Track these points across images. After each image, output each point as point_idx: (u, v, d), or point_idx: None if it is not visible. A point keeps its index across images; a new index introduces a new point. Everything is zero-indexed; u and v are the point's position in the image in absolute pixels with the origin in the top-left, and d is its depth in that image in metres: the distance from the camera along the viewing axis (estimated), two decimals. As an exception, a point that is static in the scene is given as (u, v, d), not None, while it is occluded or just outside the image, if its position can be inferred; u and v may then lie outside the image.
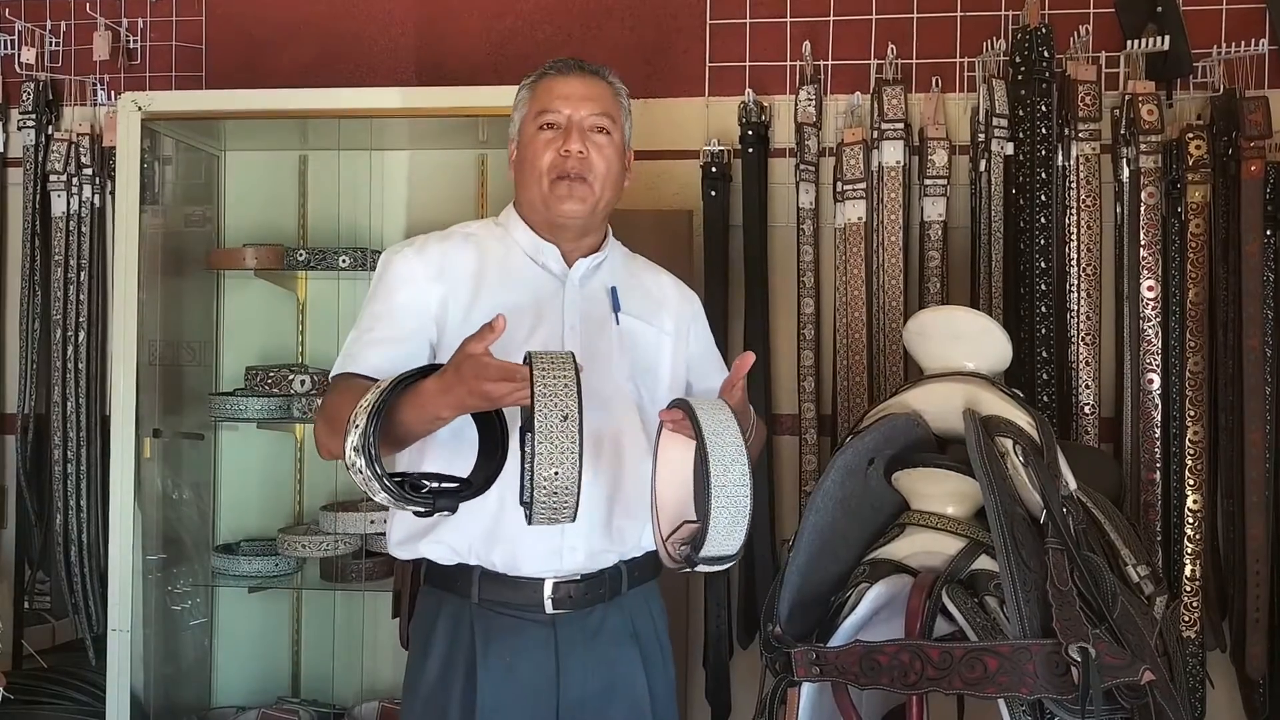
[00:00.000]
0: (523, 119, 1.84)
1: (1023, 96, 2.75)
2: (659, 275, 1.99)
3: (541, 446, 1.36)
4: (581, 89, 1.80)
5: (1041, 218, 2.72)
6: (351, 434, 1.42)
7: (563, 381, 1.39)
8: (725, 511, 1.48)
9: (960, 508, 1.95)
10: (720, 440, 1.50)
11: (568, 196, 1.77)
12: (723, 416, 1.54)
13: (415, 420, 1.50)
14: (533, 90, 1.84)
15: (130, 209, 2.71)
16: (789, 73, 2.98)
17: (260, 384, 2.82)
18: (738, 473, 1.49)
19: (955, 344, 2.01)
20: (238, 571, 2.87)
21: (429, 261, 1.78)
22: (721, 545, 1.50)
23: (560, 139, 1.78)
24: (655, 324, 1.89)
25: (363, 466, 1.42)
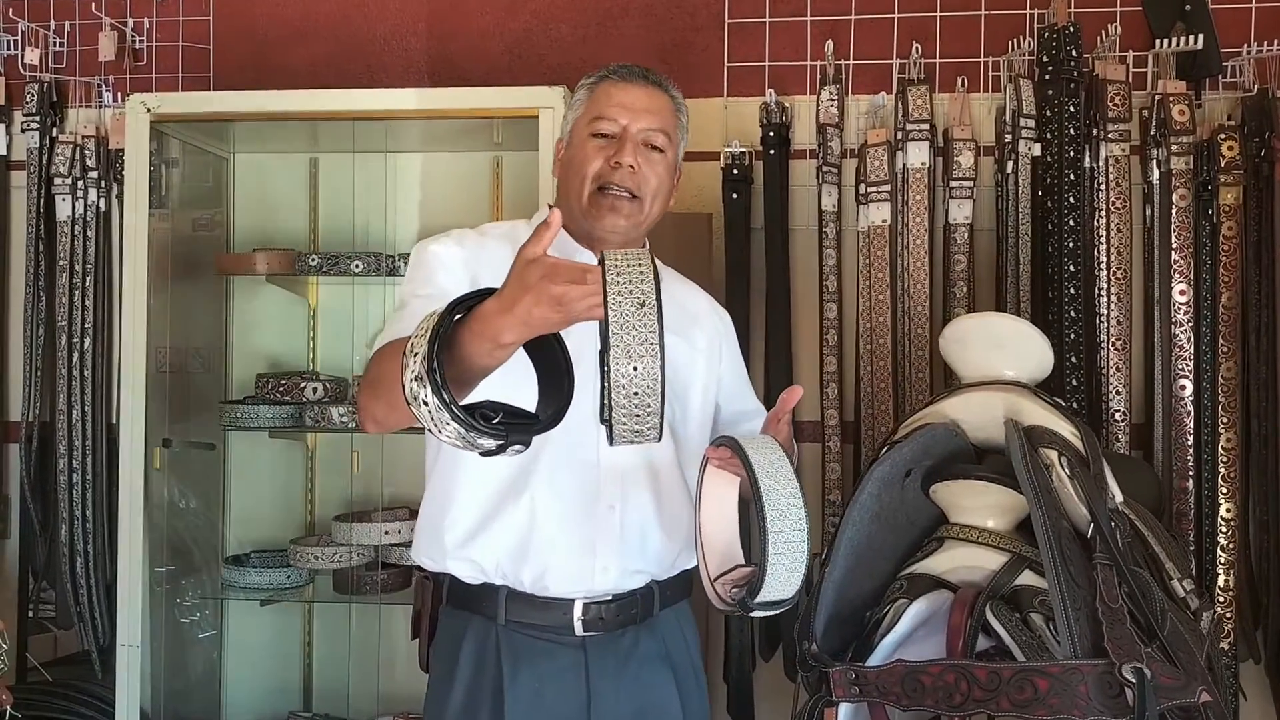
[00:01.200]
0: (575, 121, 1.77)
1: (1050, 96, 2.70)
2: (693, 291, 1.94)
3: (617, 339, 1.20)
4: (643, 99, 1.72)
5: (1070, 220, 2.67)
6: (411, 363, 1.23)
7: (637, 270, 1.24)
8: (783, 558, 1.45)
9: (1001, 521, 1.89)
10: (774, 483, 1.46)
11: (610, 210, 1.70)
12: (774, 457, 1.50)
13: (476, 351, 1.28)
14: (591, 93, 1.75)
15: (139, 213, 2.65)
16: (809, 72, 2.92)
17: (272, 391, 2.76)
18: (794, 517, 1.45)
19: (995, 351, 1.95)
20: (248, 584, 2.81)
21: (468, 251, 1.71)
22: (779, 590, 1.47)
23: (612, 148, 1.70)
24: (688, 340, 1.83)
25: (428, 397, 1.21)
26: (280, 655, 3.00)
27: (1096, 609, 1.70)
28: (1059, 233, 2.67)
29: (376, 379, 1.46)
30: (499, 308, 1.26)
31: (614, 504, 1.68)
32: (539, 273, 1.23)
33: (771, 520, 1.43)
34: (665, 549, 1.75)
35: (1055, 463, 1.80)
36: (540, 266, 1.23)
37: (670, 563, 1.76)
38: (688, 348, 1.82)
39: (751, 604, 1.48)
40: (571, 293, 1.23)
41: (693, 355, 1.83)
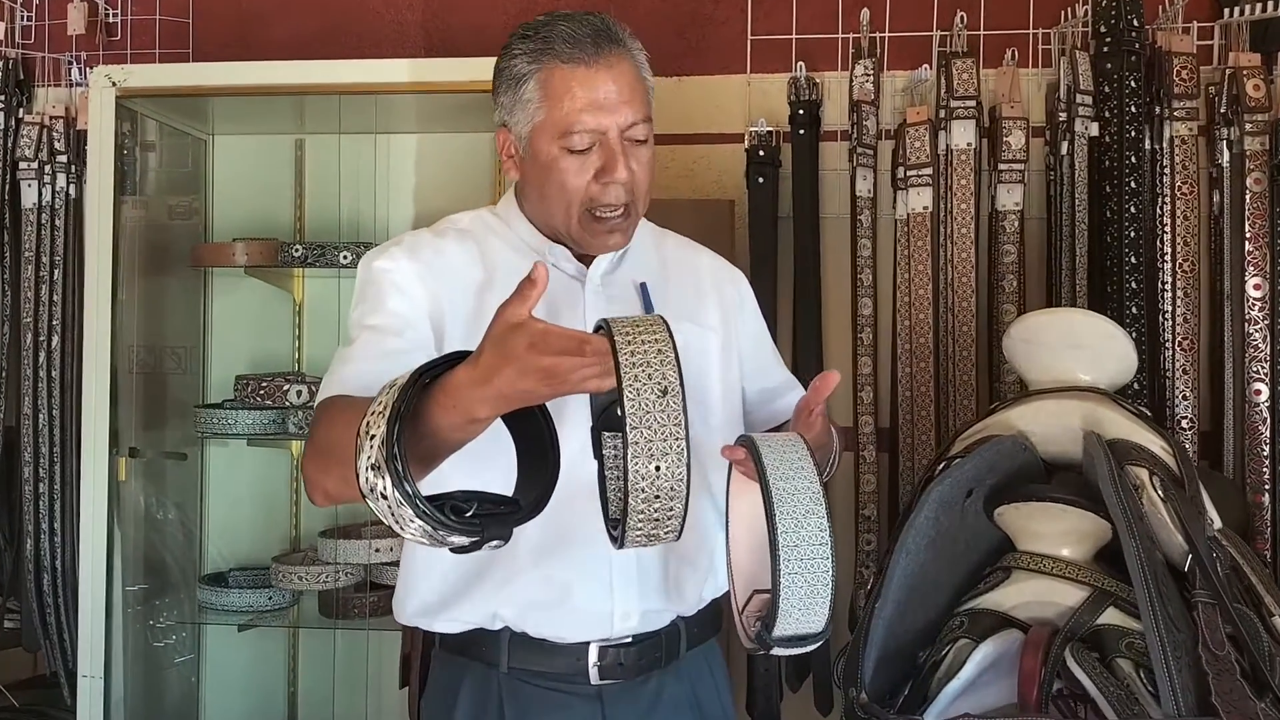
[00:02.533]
0: (534, 130, 1.41)
1: (1109, 71, 2.44)
2: (696, 255, 1.64)
3: (636, 434, 1.02)
4: (611, 85, 1.39)
5: (1131, 207, 2.42)
6: (367, 448, 1.04)
7: (655, 346, 1.05)
8: (799, 580, 1.16)
9: (1077, 549, 1.64)
10: (789, 486, 1.19)
11: (607, 233, 1.43)
12: (793, 456, 1.22)
13: (444, 426, 1.11)
14: (543, 87, 1.39)
15: (104, 198, 2.42)
16: (841, 46, 2.67)
17: (251, 395, 2.51)
18: (813, 529, 1.17)
19: (1072, 354, 1.70)
20: (227, 606, 2.57)
21: (422, 263, 1.45)
22: (798, 622, 1.18)
23: (595, 160, 1.40)
24: (699, 321, 1.55)
25: (387, 489, 1.03)
26: (262, 683, 2.77)
27: (1200, 657, 1.46)
28: (1119, 221, 2.42)
29: (326, 448, 1.23)
30: (474, 378, 1.07)
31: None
32: (524, 341, 1.04)
33: (784, 531, 1.16)
34: (691, 580, 1.49)
35: (1146, 483, 1.56)
36: (526, 333, 1.04)
37: (697, 594, 1.51)
38: (698, 330, 1.54)
39: (770, 640, 1.20)
40: (564, 365, 1.05)
41: (705, 338, 1.55)
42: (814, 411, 1.34)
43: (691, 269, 1.60)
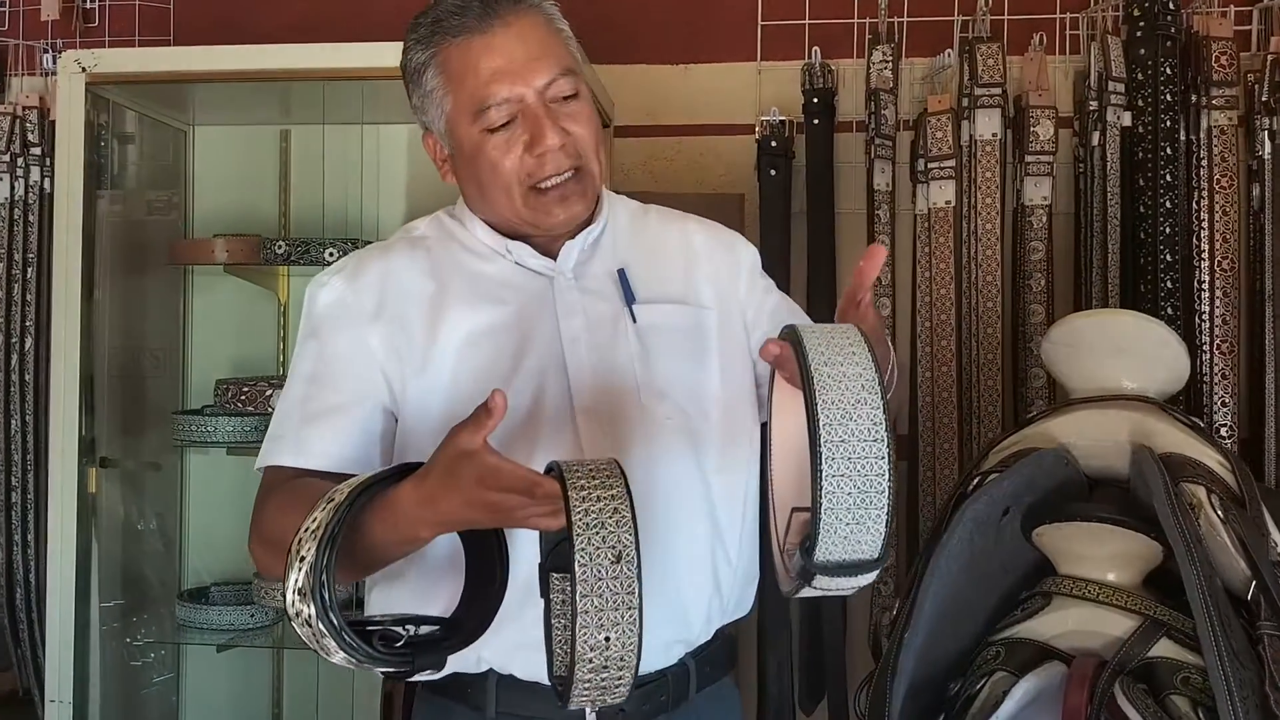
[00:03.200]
0: (448, 118, 1.28)
1: (1142, 56, 2.31)
2: (683, 226, 1.44)
3: (587, 602, 0.95)
4: (517, 45, 1.24)
5: (1166, 202, 2.28)
6: (295, 569, 1.00)
7: (610, 505, 0.98)
8: (846, 484, 0.93)
9: (1125, 573, 1.50)
10: (835, 372, 0.96)
11: (559, 202, 1.28)
12: (843, 341, 0.99)
13: (385, 540, 1.09)
14: (443, 71, 1.26)
15: (74, 191, 2.27)
16: (857, 31, 2.53)
17: (232, 400, 2.37)
18: (864, 421, 0.94)
19: (1117, 359, 1.56)
20: (206, 623, 2.42)
21: (365, 290, 1.31)
22: (846, 542, 0.94)
23: (523, 133, 1.25)
24: (690, 300, 1.37)
25: (312, 616, 1.00)
26: (245, 705, 2.62)
27: (1267, 695, 1.31)
28: (1153, 216, 2.28)
29: (268, 535, 1.18)
30: (418, 499, 1.05)
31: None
32: (473, 473, 1.02)
33: (827, 423, 0.93)
34: (696, 608, 1.34)
35: (1204, 502, 1.41)
36: (475, 465, 1.02)
37: (704, 625, 1.35)
38: (691, 314, 1.37)
39: (812, 566, 0.97)
40: (510, 503, 1.02)
41: (699, 320, 1.37)
42: (862, 300, 1.12)
43: (680, 243, 1.41)
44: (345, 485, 1.07)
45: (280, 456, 1.26)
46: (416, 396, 1.28)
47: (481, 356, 1.28)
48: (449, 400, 1.26)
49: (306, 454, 1.25)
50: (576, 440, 1.28)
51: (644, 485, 1.29)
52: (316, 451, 1.25)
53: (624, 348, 1.32)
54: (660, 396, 1.31)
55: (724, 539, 1.34)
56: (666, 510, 1.30)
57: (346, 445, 1.25)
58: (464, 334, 1.28)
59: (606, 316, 1.32)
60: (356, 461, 1.25)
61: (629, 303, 1.33)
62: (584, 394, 1.29)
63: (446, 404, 1.26)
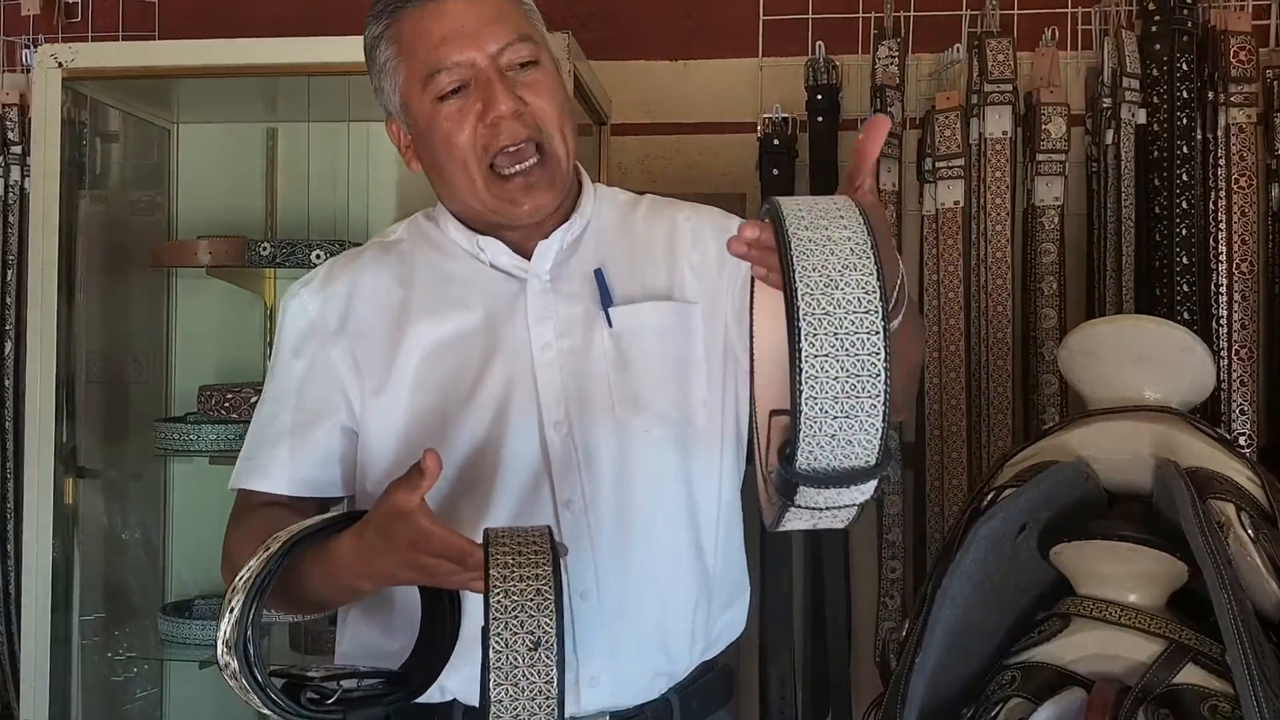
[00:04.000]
0: (402, 93, 1.21)
1: (1157, 52, 2.24)
2: (672, 214, 1.33)
3: (500, 690, 0.90)
4: (470, 10, 1.17)
5: (1182, 202, 2.21)
6: (225, 620, 1.00)
7: (533, 585, 0.92)
8: (831, 365, 0.76)
9: (1148, 594, 1.42)
10: (820, 236, 0.79)
11: (525, 191, 1.19)
12: (829, 207, 0.82)
13: (325, 588, 1.11)
14: (395, 44, 1.20)
15: (49, 191, 2.19)
16: (862, 25, 2.45)
17: (215, 408, 2.29)
18: (854, 289, 0.77)
19: (1139, 367, 1.48)
20: (189, 638, 2.34)
21: (331, 302, 1.26)
22: (832, 444, 0.77)
23: (476, 100, 1.17)
24: (674, 295, 1.27)
25: (236, 671, 0.99)
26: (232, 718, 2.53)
27: (1302, 727, 1.23)
28: (1169, 217, 2.21)
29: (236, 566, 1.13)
30: (355, 553, 1.06)
31: (589, 587, 1.20)
32: (406, 536, 1.02)
33: (805, 293, 0.76)
34: (676, 633, 1.25)
35: (1233, 520, 1.34)
36: (409, 527, 1.01)
37: (687, 648, 1.26)
38: (675, 310, 1.26)
39: (792, 475, 0.79)
40: (443, 569, 1.02)
41: (685, 316, 1.26)
42: (860, 181, 0.92)
43: (666, 233, 1.31)
44: (285, 532, 1.06)
45: (247, 479, 1.26)
46: (376, 414, 1.22)
47: (444, 367, 1.22)
48: (409, 416, 1.21)
49: (267, 477, 1.23)
50: (545, 459, 1.21)
51: (619, 506, 1.21)
52: (275, 475, 1.23)
53: (598, 355, 1.23)
54: (637, 407, 1.22)
55: (706, 558, 1.26)
56: (645, 533, 1.22)
57: (307, 468, 1.23)
58: (428, 344, 1.22)
59: (580, 321, 1.24)
60: (316, 484, 1.23)
61: (605, 305, 1.24)
62: (554, 407, 1.21)
63: (406, 420, 1.21)
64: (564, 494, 1.20)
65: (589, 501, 1.20)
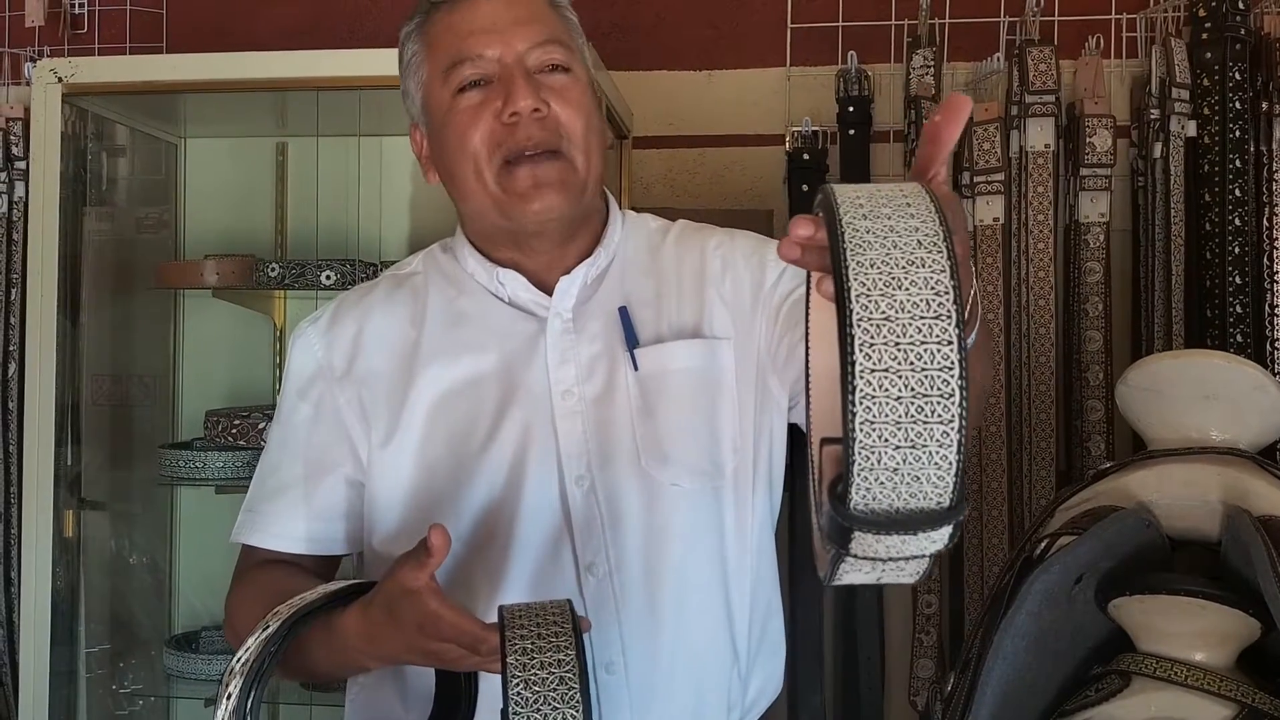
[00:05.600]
0: (424, 89, 1.15)
1: (1208, 61, 2.12)
2: (702, 243, 1.23)
3: None
4: (504, 11, 1.11)
5: (1235, 219, 2.09)
6: (222, 706, 0.94)
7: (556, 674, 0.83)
8: (893, 381, 0.61)
9: (1216, 654, 1.32)
10: (880, 226, 0.64)
11: (534, 190, 1.09)
12: (895, 193, 0.67)
13: (330, 664, 1.05)
14: (424, 40, 1.15)
15: (49, 208, 2.12)
16: (895, 34, 2.34)
17: (222, 434, 2.20)
18: (922, 290, 0.62)
19: (1206, 407, 1.37)
20: (195, 673, 2.26)
21: (338, 343, 1.18)
22: (894, 479, 0.62)
23: (497, 95, 1.09)
24: (704, 331, 1.17)
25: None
26: (239, 755, 2.45)
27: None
28: (1220, 234, 2.10)
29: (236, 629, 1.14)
30: (361, 633, 0.99)
31: (615, 659, 1.11)
32: (414, 618, 0.94)
33: (862, 295, 0.61)
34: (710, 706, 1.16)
35: (1313, 576, 1.22)
36: (416, 609, 0.93)
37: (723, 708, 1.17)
38: (703, 349, 1.16)
39: (845, 517, 0.63)
40: (452, 655, 0.95)
41: (714, 354, 1.16)
42: (935, 175, 0.75)
43: (695, 265, 1.21)
44: (285, 607, 0.98)
45: (250, 535, 1.19)
46: (383, 467, 1.14)
47: (457, 415, 1.13)
48: (418, 471, 1.13)
49: (270, 535, 1.16)
50: (566, 517, 1.12)
51: (647, 568, 1.12)
52: (276, 532, 1.16)
53: (622, 401, 1.13)
54: (664, 459, 1.13)
55: (739, 619, 1.16)
56: (675, 596, 1.13)
57: (309, 526, 1.15)
58: (439, 391, 1.13)
59: (603, 363, 1.14)
60: (320, 541, 1.16)
61: (630, 347, 1.15)
62: (575, 460, 1.12)
63: (415, 475, 1.13)
64: (587, 556, 1.10)
65: (614, 565, 1.10)
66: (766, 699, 1.23)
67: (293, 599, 1.00)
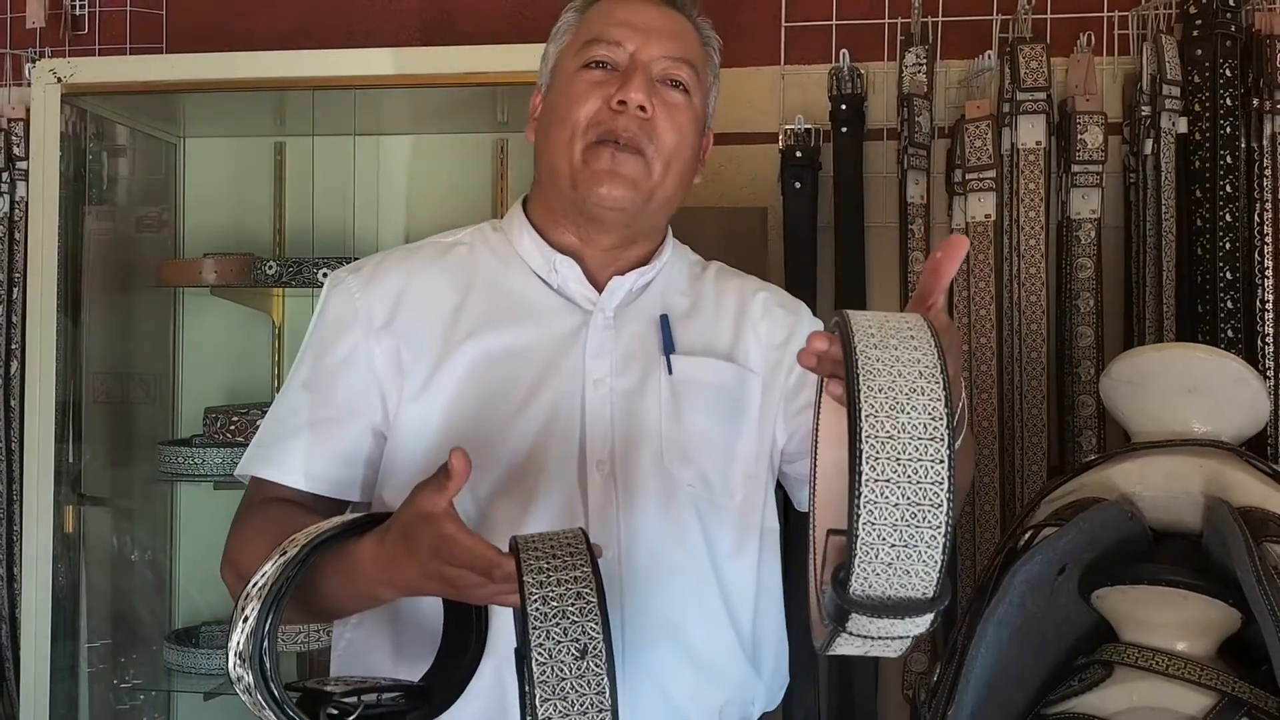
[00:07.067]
0: (560, 55, 1.24)
1: (1199, 58, 2.13)
2: (743, 283, 1.35)
3: (549, 706, 0.81)
4: (658, 19, 1.20)
5: (1226, 215, 2.10)
6: (238, 630, 0.93)
7: (573, 590, 0.84)
8: (892, 491, 0.74)
9: (1198, 643, 1.33)
10: (888, 355, 0.78)
11: (609, 173, 1.16)
12: (900, 325, 0.82)
13: (343, 595, 1.04)
14: (581, 15, 1.25)
15: (49, 207, 2.15)
16: (888, 32, 2.36)
17: (221, 431, 2.23)
18: (920, 414, 0.76)
19: (1189, 399, 1.39)
20: (195, 668, 2.29)
21: (378, 295, 1.20)
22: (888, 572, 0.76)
23: (615, 83, 1.17)
24: (737, 359, 1.26)
25: (251, 685, 0.92)
26: (239, 749, 2.47)
27: (1370, 794, 1.14)
28: (1211, 231, 2.10)
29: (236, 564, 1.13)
30: (377, 560, 0.98)
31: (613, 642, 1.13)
32: (430, 543, 0.93)
33: (869, 413, 0.75)
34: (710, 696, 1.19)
35: (1292, 566, 1.23)
36: (432, 533, 0.93)
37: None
38: (733, 373, 1.25)
39: (845, 601, 0.77)
40: (467, 580, 0.94)
41: (742, 381, 1.25)
42: (933, 304, 0.93)
43: (737, 300, 1.31)
44: (303, 535, 0.99)
45: (261, 468, 1.19)
46: (409, 420, 1.16)
47: (489, 383, 1.16)
48: (444, 428, 1.15)
49: (285, 469, 1.16)
50: (583, 497, 1.15)
51: (652, 557, 1.14)
52: (295, 469, 1.16)
53: (653, 399, 1.19)
54: (685, 459, 1.18)
55: (740, 627, 1.19)
56: (679, 592, 1.15)
57: (328, 466, 1.16)
58: (477, 356, 1.16)
59: (638, 362, 1.20)
60: (336, 483, 1.17)
61: (667, 352, 1.21)
62: (599, 443, 1.16)
63: (440, 431, 1.15)
64: (598, 538, 1.13)
65: (624, 549, 1.13)
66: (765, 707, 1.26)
67: (309, 528, 1.00)
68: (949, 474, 0.74)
